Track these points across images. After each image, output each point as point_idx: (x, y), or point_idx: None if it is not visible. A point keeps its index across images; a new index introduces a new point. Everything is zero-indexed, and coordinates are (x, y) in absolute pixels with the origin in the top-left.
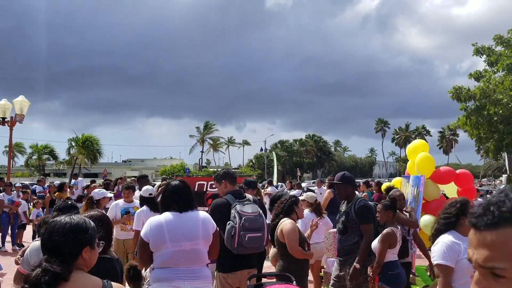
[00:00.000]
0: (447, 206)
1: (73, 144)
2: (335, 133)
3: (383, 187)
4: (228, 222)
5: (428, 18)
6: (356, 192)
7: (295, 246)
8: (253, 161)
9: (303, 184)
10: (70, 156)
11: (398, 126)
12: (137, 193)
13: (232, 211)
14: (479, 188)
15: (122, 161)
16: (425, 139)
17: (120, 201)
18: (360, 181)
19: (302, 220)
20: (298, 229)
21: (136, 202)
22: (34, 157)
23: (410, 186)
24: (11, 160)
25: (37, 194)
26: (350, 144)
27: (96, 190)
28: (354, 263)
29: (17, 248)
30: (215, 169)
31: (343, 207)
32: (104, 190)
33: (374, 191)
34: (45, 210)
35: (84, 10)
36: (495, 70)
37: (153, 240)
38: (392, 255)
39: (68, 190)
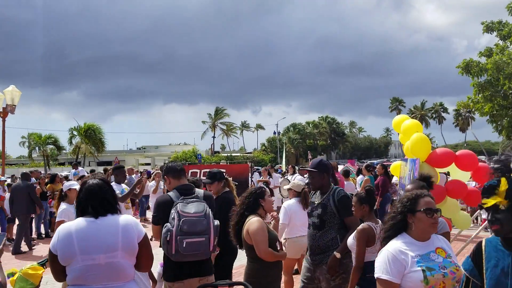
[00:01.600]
0: (396, 202)
1: (75, 133)
2: (351, 114)
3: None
4: (165, 225)
5: None
6: (359, 177)
7: (263, 248)
8: (266, 145)
9: None
10: (74, 146)
11: (414, 104)
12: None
13: (172, 211)
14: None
15: (137, 148)
16: (442, 117)
17: None
18: (375, 162)
19: (285, 211)
20: (268, 227)
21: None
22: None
23: (408, 170)
24: (28, 151)
25: None
26: (367, 125)
27: (67, 182)
28: (334, 252)
29: (7, 242)
30: (228, 154)
31: (316, 199)
32: (72, 182)
33: (378, 175)
34: None
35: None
36: (508, 43)
37: (62, 253)
38: (371, 254)
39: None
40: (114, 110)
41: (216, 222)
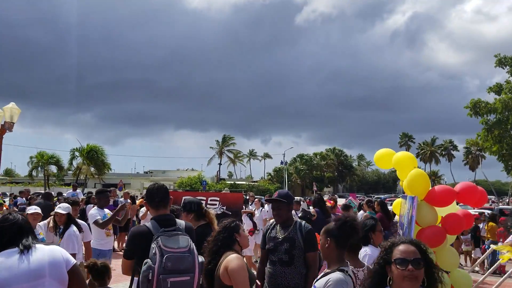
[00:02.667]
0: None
1: (77, 154)
2: (361, 147)
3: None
4: (145, 261)
5: (457, 33)
6: (359, 213)
7: None
8: (272, 174)
9: None
10: (76, 167)
11: (424, 140)
12: (93, 211)
13: (153, 245)
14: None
15: (144, 172)
16: (452, 154)
17: None
18: (383, 196)
19: None
20: (247, 266)
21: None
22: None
23: (406, 208)
24: (35, 170)
25: (19, 206)
26: None
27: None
28: None
29: None
30: (233, 182)
31: (278, 233)
32: (33, 207)
33: (377, 211)
34: None
35: (119, 26)
36: None
37: None
38: None
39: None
40: (126, 133)
41: (201, 258)
